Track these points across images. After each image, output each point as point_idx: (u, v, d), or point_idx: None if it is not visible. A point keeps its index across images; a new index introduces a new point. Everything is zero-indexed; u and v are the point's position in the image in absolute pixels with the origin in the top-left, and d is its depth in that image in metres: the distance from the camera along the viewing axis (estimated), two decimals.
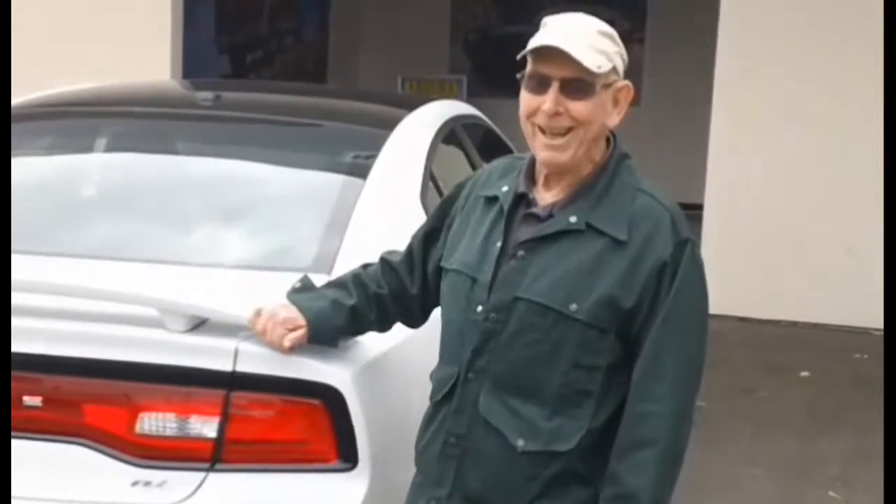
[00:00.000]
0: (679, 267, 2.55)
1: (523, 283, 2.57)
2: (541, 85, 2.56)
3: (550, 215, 2.61)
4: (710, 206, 8.59)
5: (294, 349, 2.79)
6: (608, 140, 2.66)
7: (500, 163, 2.82)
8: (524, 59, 2.59)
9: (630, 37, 11.85)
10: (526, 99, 2.60)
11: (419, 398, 2.79)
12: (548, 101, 2.54)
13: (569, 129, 2.56)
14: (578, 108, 2.54)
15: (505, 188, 2.69)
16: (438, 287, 2.78)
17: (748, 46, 8.38)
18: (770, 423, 6.33)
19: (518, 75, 2.62)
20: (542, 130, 2.57)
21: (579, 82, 2.54)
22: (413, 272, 2.90)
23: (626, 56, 2.63)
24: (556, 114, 2.54)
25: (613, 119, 2.62)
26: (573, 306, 2.53)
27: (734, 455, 5.84)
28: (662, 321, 2.54)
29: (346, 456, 2.85)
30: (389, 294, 2.89)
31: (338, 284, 2.90)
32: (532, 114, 2.58)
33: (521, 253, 2.59)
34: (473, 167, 4.38)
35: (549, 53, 2.53)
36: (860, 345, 7.82)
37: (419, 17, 13.37)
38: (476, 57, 13.63)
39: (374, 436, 2.86)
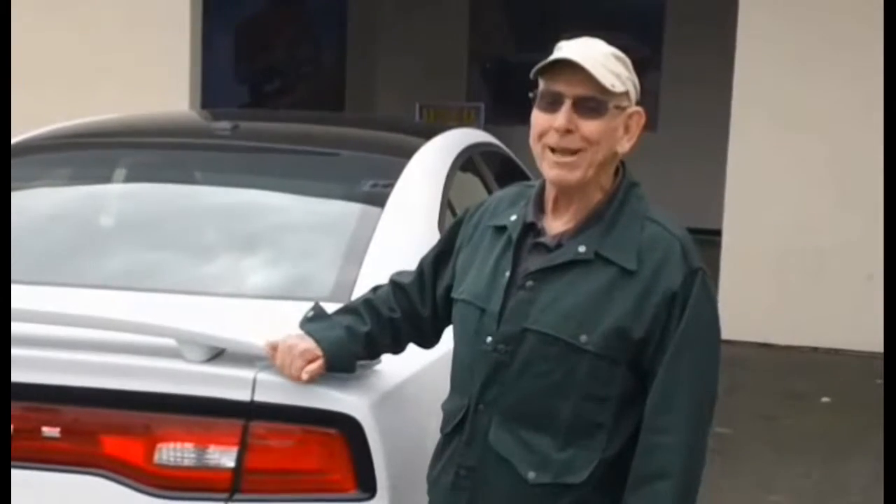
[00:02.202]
0: (690, 297, 2.53)
1: (532, 313, 2.56)
2: (553, 104, 2.56)
3: (559, 245, 2.60)
4: (729, 232, 8.57)
5: (312, 380, 2.79)
6: (617, 169, 2.66)
7: (508, 191, 2.82)
8: (538, 79, 2.59)
9: (647, 62, 11.86)
10: (538, 118, 2.59)
11: (437, 427, 2.78)
12: (560, 117, 2.53)
13: (578, 150, 2.55)
14: (590, 127, 2.54)
15: (513, 217, 2.68)
16: (449, 310, 2.78)
17: (766, 72, 8.38)
18: (791, 449, 6.30)
19: (531, 94, 2.61)
20: (552, 150, 2.56)
21: (592, 101, 2.53)
22: (424, 294, 2.89)
23: (638, 85, 2.62)
24: (567, 131, 2.53)
25: (624, 146, 2.61)
26: (583, 337, 2.52)
27: (755, 481, 5.81)
28: (673, 352, 2.52)
29: (365, 485, 2.84)
30: (402, 317, 2.88)
31: (350, 311, 2.89)
32: (543, 134, 2.57)
33: (529, 283, 2.58)
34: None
35: (563, 69, 2.53)
36: (881, 370, 7.76)
37: (437, 45, 13.41)
38: (494, 85, 13.65)
39: (392, 465, 2.85)
